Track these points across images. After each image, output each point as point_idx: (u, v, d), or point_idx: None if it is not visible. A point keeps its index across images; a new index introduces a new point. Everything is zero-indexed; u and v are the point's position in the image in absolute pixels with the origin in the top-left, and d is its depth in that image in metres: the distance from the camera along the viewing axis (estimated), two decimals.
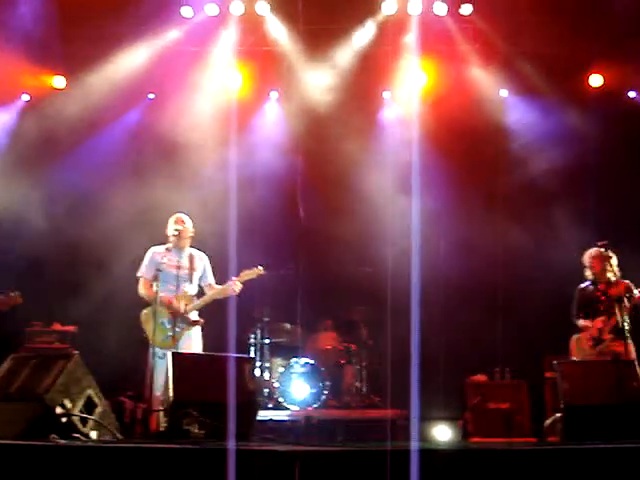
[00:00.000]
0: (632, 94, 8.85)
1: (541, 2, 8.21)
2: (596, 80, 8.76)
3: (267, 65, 8.91)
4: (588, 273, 6.88)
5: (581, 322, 6.76)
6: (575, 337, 6.74)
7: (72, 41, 8.37)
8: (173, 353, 5.38)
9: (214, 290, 6.27)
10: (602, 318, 6.62)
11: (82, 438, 4.69)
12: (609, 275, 6.74)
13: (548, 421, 6.63)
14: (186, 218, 6.37)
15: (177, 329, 5.98)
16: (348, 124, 8.74)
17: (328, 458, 3.98)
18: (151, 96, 9.02)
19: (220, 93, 8.75)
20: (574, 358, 6.58)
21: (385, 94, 9.12)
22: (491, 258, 8.58)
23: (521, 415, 7.20)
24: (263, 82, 9.05)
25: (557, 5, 8.25)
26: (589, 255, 6.86)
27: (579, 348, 6.63)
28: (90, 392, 4.98)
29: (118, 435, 5.04)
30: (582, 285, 6.90)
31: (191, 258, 6.30)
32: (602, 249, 6.62)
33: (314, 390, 7.58)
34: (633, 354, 6.05)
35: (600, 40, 8.40)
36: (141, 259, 6.33)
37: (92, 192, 8.62)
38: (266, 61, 8.88)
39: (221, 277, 6.42)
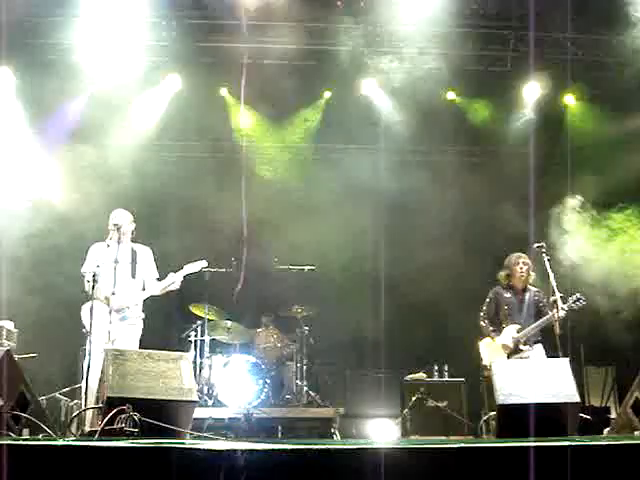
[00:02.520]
0: None
1: None
2: None
3: None
4: (505, 276, 6.62)
5: (486, 326, 6.59)
6: (485, 342, 6.57)
7: None
8: (109, 349, 5.27)
9: (155, 285, 6.19)
10: (515, 327, 6.43)
11: (13, 436, 4.57)
12: (530, 282, 6.56)
13: (484, 419, 6.77)
14: (125, 212, 6.27)
15: (115, 324, 5.87)
16: None
17: (271, 456, 3.97)
18: None
19: None
20: (485, 363, 6.42)
21: None
22: (435, 261, 8.74)
23: (459, 413, 7.31)
24: None
25: None
26: (517, 259, 6.56)
27: (492, 354, 6.39)
28: (22, 389, 4.85)
29: (52, 433, 4.92)
30: (497, 288, 6.66)
31: (132, 252, 6.21)
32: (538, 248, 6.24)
33: (254, 387, 7.54)
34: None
35: None
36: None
37: None
38: None
39: (162, 272, 6.35)
